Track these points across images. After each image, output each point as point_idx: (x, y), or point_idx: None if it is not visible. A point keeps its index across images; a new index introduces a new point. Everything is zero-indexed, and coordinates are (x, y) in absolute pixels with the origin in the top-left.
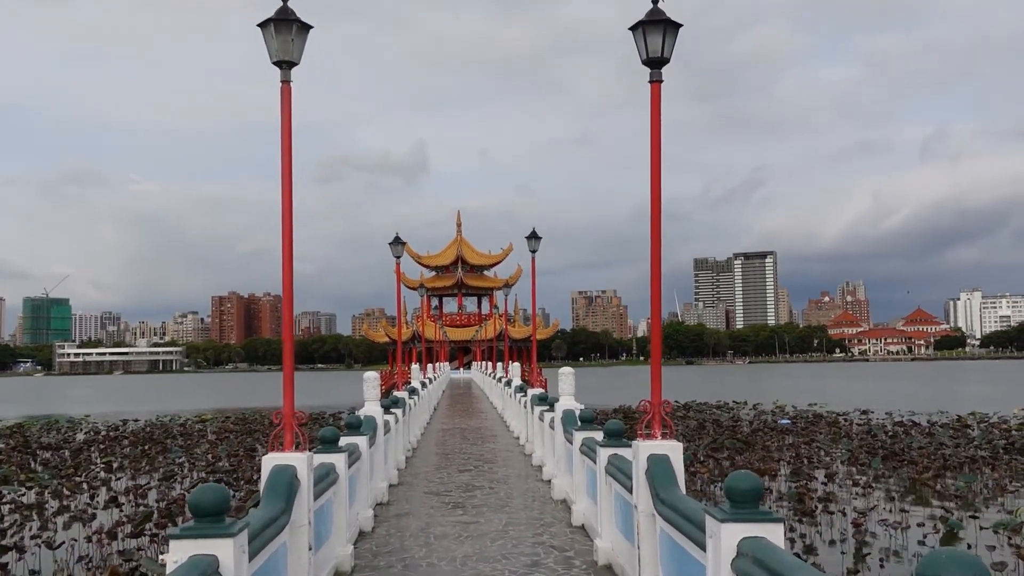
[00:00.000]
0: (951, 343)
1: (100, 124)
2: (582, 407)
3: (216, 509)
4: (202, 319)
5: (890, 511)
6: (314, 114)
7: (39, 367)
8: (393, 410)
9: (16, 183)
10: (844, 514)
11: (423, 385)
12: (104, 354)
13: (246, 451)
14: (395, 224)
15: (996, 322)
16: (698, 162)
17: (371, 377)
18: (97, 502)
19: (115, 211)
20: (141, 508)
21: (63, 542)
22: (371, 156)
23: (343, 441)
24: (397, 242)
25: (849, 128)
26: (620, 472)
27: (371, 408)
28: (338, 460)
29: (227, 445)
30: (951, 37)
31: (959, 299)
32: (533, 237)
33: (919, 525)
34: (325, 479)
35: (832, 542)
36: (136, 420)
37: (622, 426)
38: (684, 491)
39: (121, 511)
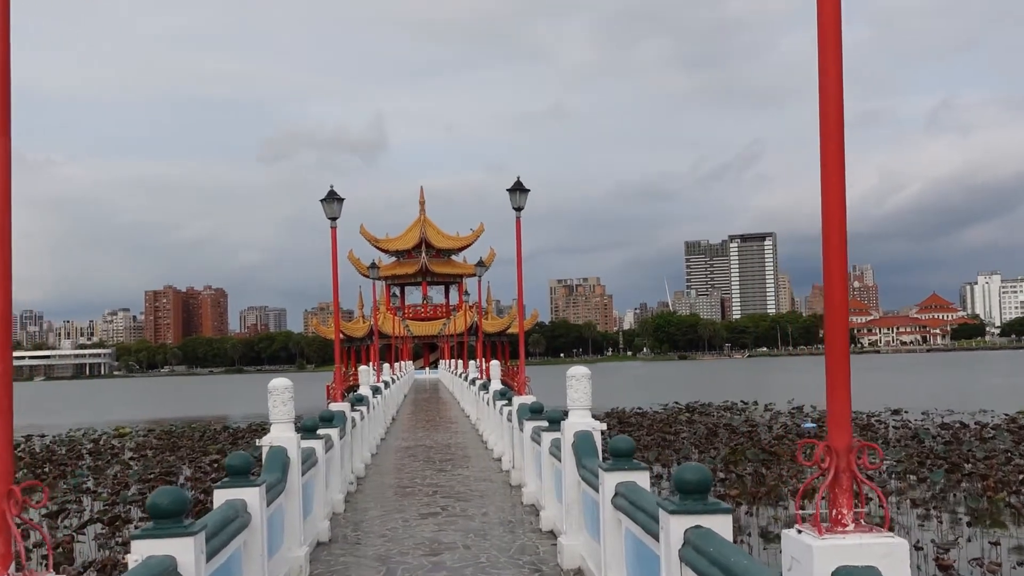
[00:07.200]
0: (969, 332)
1: (16, 97)
2: (603, 427)
3: None
4: (134, 317)
5: (970, 540)
6: (258, 86)
7: None
8: (323, 431)
9: None
10: (920, 548)
11: (376, 391)
12: (23, 358)
13: (162, 474)
14: (352, 207)
15: (1017, 308)
16: (686, 136)
17: (279, 387)
18: None
19: (35, 196)
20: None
21: None
22: (323, 131)
23: (221, 496)
24: (332, 198)
25: (852, 97)
26: (719, 569)
27: (281, 433)
28: (184, 550)
29: (143, 466)
30: None
31: (976, 283)
32: (518, 190)
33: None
34: None
35: None
36: (42, 436)
37: (706, 476)
38: None
39: None
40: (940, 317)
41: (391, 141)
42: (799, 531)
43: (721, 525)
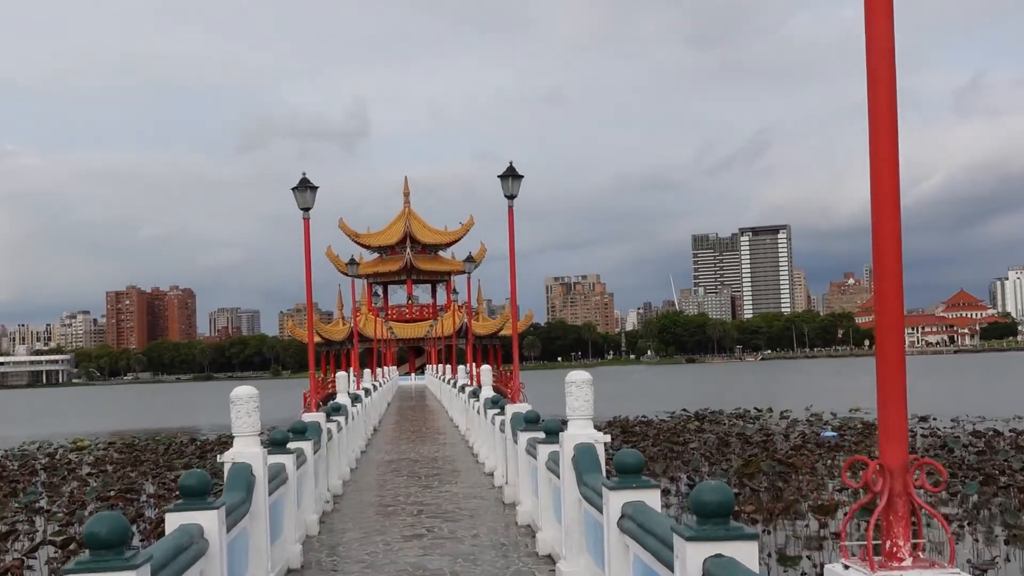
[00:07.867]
0: (1000, 331)
1: None
2: (607, 438)
3: None
4: (95, 320)
5: (1008, 559)
6: (230, 71)
7: None
8: (294, 444)
9: None
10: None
11: (356, 399)
12: None
13: (122, 491)
14: (332, 201)
15: None
16: (692, 121)
17: (243, 395)
18: None
19: None
20: None
21: None
22: (301, 119)
23: (174, 520)
24: (304, 187)
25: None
26: None
27: (245, 448)
28: None
29: (102, 482)
30: None
31: (1007, 279)
32: (511, 176)
33: None
34: None
35: None
36: None
37: (728, 497)
38: None
39: None
40: (968, 315)
41: (373, 128)
42: (846, 566)
43: (745, 553)
